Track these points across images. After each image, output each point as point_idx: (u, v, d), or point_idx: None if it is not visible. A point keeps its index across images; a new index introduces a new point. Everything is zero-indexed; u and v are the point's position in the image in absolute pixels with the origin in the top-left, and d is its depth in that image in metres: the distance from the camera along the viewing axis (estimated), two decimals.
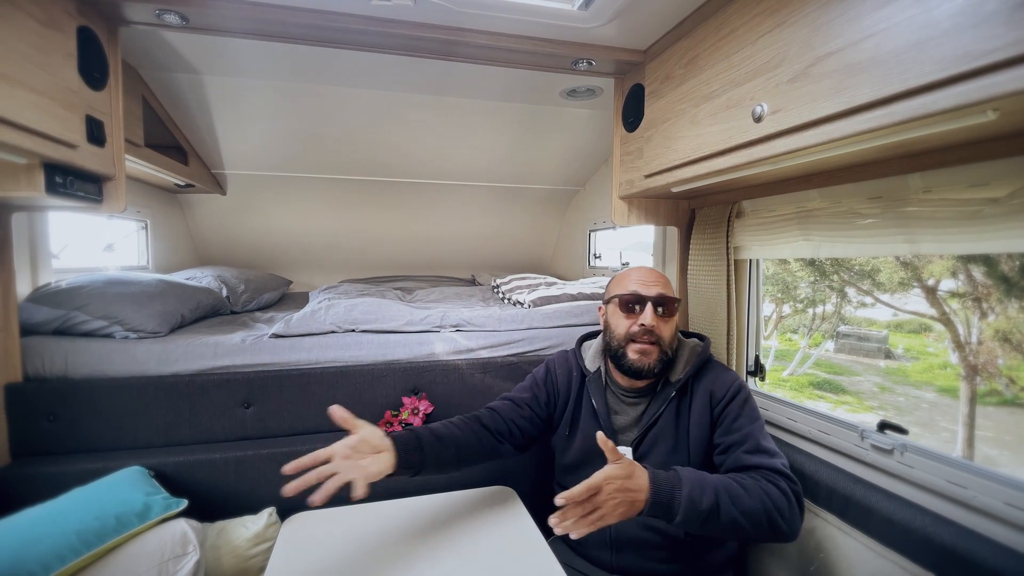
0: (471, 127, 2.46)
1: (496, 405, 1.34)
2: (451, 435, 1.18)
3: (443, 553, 1.14)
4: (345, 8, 1.26)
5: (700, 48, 1.21)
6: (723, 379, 1.22)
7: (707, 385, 1.22)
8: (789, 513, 1.02)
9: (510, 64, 1.53)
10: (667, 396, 1.23)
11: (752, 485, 1.02)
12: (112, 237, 2.36)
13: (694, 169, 1.26)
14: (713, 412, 1.20)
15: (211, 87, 2.00)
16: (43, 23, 1.04)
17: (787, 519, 1.01)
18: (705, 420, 1.20)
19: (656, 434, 1.22)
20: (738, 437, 1.14)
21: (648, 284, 1.24)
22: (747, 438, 1.13)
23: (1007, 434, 3.21)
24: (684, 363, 1.26)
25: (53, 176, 1.13)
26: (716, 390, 1.21)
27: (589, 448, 1.27)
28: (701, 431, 1.19)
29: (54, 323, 1.47)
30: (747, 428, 1.15)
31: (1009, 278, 2.61)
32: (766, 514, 0.99)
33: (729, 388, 1.20)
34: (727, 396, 1.19)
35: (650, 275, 1.26)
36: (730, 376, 1.23)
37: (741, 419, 1.16)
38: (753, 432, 1.14)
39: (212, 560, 1.24)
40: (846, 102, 0.82)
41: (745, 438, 1.13)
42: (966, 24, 0.65)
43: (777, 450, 1.13)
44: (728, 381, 1.21)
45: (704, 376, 1.24)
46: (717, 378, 1.23)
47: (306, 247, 3.35)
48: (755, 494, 1.01)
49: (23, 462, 1.35)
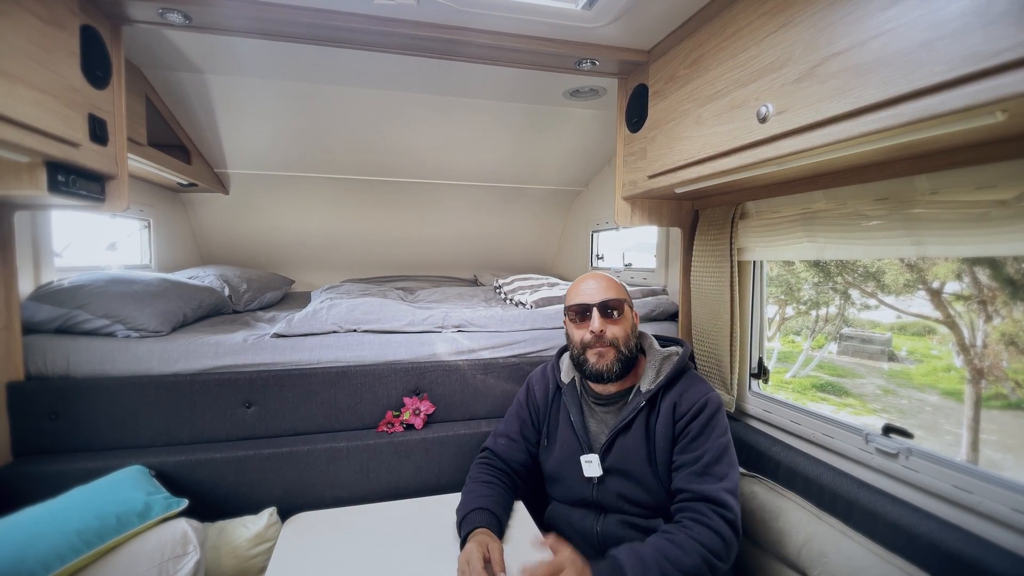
0: (474, 127, 2.45)
1: (499, 449, 1.39)
2: (505, 499, 1.28)
3: (443, 554, 1.14)
4: (348, 7, 1.25)
5: (705, 48, 1.20)
6: (691, 393, 1.21)
7: (674, 398, 1.22)
8: (725, 552, 1.04)
9: (513, 64, 1.52)
10: (636, 405, 1.23)
11: (685, 540, 1.03)
12: (115, 236, 2.37)
13: (698, 170, 1.25)
14: (676, 427, 1.19)
15: (214, 86, 2.00)
16: (46, 21, 1.04)
17: (724, 558, 1.04)
18: (668, 434, 1.19)
19: (625, 444, 1.23)
20: (690, 457, 1.15)
21: (594, 292, 1.27)
22: (699, 459, 1.14)
23: (1011, 438, 3.18)
24: (657, 372, 1.26)
25: (55, 175, 1.12)
26: (681, 404, 1.20)
27: (566, 459, 1.30)
28: (665, 444, 1.19)
29: (56, 322, 1.47)
30: (703, 448, 1.14)
31: (1015, 281, 2.59)
32: (706, 563, 1.01)
33: (695, 404, 1.19)
34: (691, 412, 1.18)
35: (594, 282, 1.29)
36: (700, 390, 1.22)
37: (700, 438, 1.16)
38: (708, 452, 1.13)
39: (212, 560, 1.24)
40: (852, 103, 0.81)
41: (697, 459, 1.14)
42: (975, 24, 0.65)
43: (728, 472, 1.13)
44: (695, 396, 1.20)
45: (674, 388, 1.24)
46: (686, 392, 1.22)
47: (308, 246, 3.35)
48: (691, 550, 1.01)
49: (24, 461, 1.35)
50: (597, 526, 1.24)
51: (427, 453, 1.53)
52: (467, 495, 1.27)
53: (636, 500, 1.21)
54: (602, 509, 1.26)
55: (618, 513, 1.23)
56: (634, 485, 1.21)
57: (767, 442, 1.42)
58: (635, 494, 1.21)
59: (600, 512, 1.26)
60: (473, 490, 1.27)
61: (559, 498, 1.34)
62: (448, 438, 1.54)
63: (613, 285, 1.29)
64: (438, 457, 1.54)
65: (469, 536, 1.12)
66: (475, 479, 1.31)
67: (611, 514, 1.24)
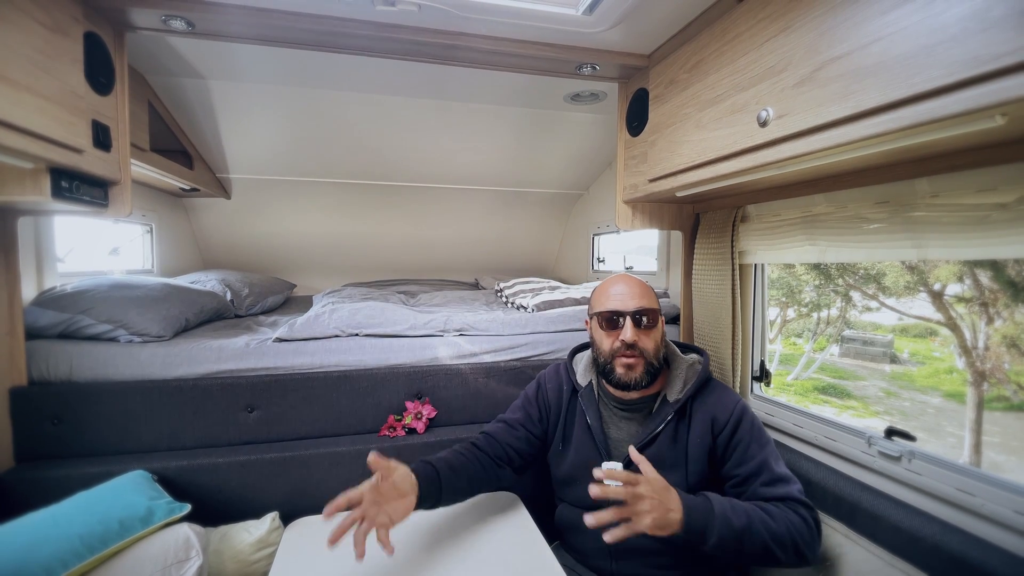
0: (475, 131, 2.46)
1: (491, 429, 1.35)
2: (462, 465, 1.21)
3: (447, 558, 1.13)
4: (349, 14, 1.26)
5: (705, 52, 1.21)
6: (725, 403, 1.20)
7: (708, 408, 1.20)
8: (811, 540, 1.04)
9: (513, 69, 1.53)
10: (665, 416, 1.21)
11: (777, 512, 1.04)
12: (117, 241, 2.37)
13: (699, 173, 1.25)
14: (717, 440, 1.18)
15: (216, 92, 2.01)
16: (50, 28, 1.05)
17: (810, 546, 1.03)
18: (705, 444, 1.18)
19: (653, 454, 1.20)
20: (753, 467, 1.13)
21: (626, 298, 1.21)
22: (762, 468, 1.12)
23: (1014, 439, 3.18)
24: (683, 382, 1.24)
25: (59, 181, 1.13)
26: (719, 415, 1.18)
27: (582, 463, 1.27)
28: (700, 455, 1.17)
29: (59, 327, 1.48)
30: (760, 456, 1.13)
31: (1016, 283, 2.59)
32: (791, 540, 1.01)
33: (732, 413, 1.18)
34: (731, 422, 1.17)
35: (628, 288, 1.23)
36: (731, 398, 1.21)
37: (753, 446, 1.14)
38: (767, 460, 1.13)
39: (215, 565, 1.24)
40: (853, 107, 0.82)
41: (760, 468, 1.12)
42: (975, 29, 0.65)
43: (791, 475, 1.12)
44: (730, 405, 1.19)
45: (704, 397, 1.22)
46: (719, 401, 1.20)
47: (310, 251, 3.36)
48: (781, 521, 1.02)
49: (27, 466, 1.35)
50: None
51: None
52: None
53: None
54: None
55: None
56: None
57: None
58: None
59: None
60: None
61: (571, 501, 1.31)
62: (450, 442, 1.54)
63: (647, 291, 1.24)
64: None
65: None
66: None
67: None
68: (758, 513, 1.02)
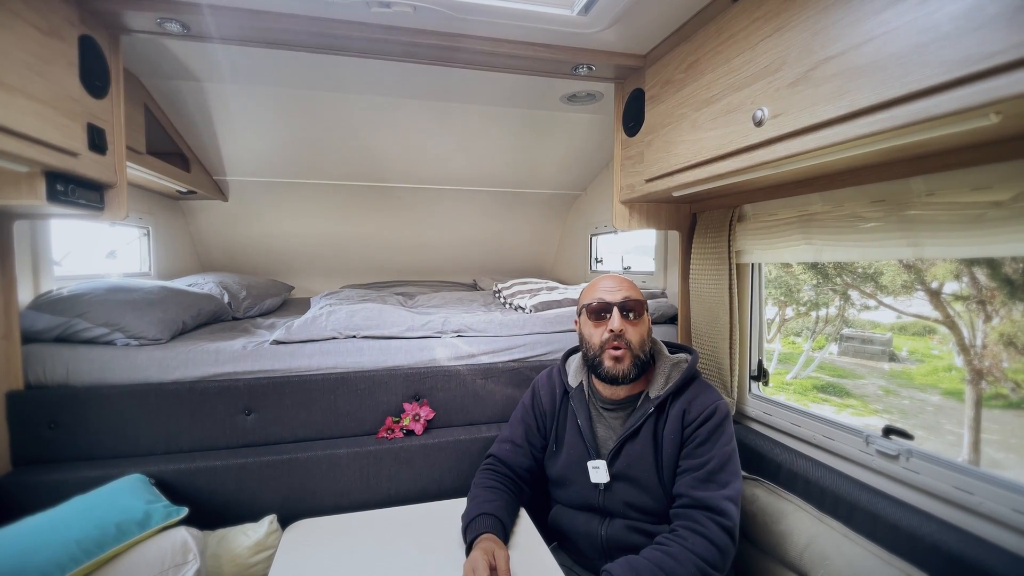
0: (472, 132, 2.46)
1: (503, 455, 1.38)
2: (508, 503, 1.27)
3: (444, 560, 1.13)
4: (344, 16, 1.26)
5: (700, 52, 1.21)
6: (701, 400, 1.21)
7: (683, 404, 1.21)
8: (720, 561, 1.04)
9: (510, 70, 1.53)
10: (645, 411, 1.23)
11: (680, 552, 1.03)
12: (114, 244, 2.37)
13: (695, 173, 1.25)
14: (683, 432, 1.19)
15: (212, 94, 2.01)
16: (45, 32, 1.05)
17: (719, 567, 1.04)
18: (676, 440, 1.19)
19: (633, 451, 1.22)
20: (695, 463, 1.15)
21: (613, 290, 1.26)
22: (703, 465, 1.13)
23: (1013, 437, 3.18)
24: (665, 379, 1.26)
25: (54, 184, 1.13)
26: (690, 411, 1.20)
27: (573, 464, 1.29)
28: (672, 451, 1.19)
29: (55, 330, 1.47)
30: (708, 454, 1.14)
31: (1013, 281, 2.59)
32: (701, 574, 1.01)
33: (703, 410, 1.18)
34: (699, 419, 1.18)
35: (614, 282, 1.28)
36: (709, 397, 1.22)
37: (706, 444, 1.16)
38: (712, 460, 1.13)
39: (213, 568, 1.23)
40: (847, 106, 0.82)
41: (701, 465, 1.14)
42: (968, 27, 0.65)
43: (730, 480, 1.13)
44: (705, 403, 1.20)
45: (683, 395, 1.23)
46: (695, 398, 1.21)
47: (308, 253, 3.35)
48: (686, 561, 1.02)
49: (24, 470, 1.34)
50: (602, 530, 1.23)
51: (427, 459, 1.52)
52: (472, 501, 1.25)
53: (642, 507, 1.21)
54: (608, 514, 1.25)
55: (624, 518, 1.23)
56: (640, 492, 1.21)
57: (768, 445, 1.42)
58: (641, 500, 1.21)
59: (605, 517, 1.25)
60: (478, 496, 1.26)
61: (564, 502, 1.33)
62: (448, 443, 1.54)
63: (632, 286, 1.29)
64: (438, 463, 1.53)
65: (475, 542, 1.11)
66: (480, 484, 1.30)
67: (616, 519, 1.24)
68: (665, 564, 1.01)
